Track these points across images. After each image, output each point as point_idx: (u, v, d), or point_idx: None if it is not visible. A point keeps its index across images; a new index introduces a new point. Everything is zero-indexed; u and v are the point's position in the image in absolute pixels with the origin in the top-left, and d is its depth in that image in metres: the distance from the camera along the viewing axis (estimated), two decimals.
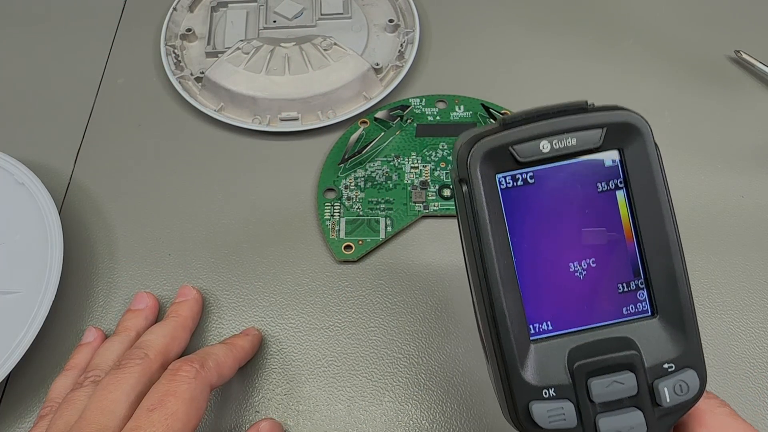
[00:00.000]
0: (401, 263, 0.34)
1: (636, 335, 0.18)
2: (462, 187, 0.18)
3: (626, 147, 0.18)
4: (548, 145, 0.17)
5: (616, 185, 0.18)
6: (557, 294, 0.18)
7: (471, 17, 0.45)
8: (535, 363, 0.18)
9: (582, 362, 0.17)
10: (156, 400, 0.25)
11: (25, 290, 0.32)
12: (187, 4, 0.45)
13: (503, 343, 0.18)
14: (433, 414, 0.30)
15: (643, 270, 0.18)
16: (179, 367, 0.26)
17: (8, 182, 0.35)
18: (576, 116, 0.18)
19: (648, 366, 0.18)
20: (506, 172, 0.18)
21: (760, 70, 0.41)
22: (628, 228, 0.18)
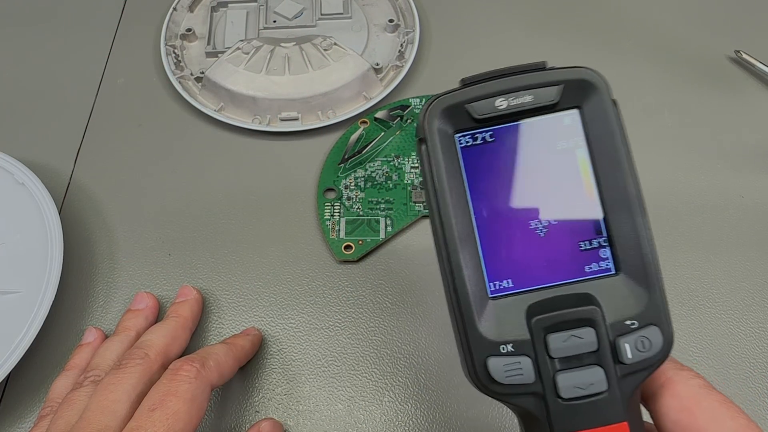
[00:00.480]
0: (401, 263, 0.34)
1: (598, 292, 0.18)
2: (421, 146, 0.18)
3: (584, 105, 0.18)
4: (504, 102, 0.18)
5: (576, 143, 0.18)
6: (518, 252, 0.18)
7: (471, 17, 0.45)
8: (492, 318, 0.18)
9: (540, 317, 0.17)
10: (157, 400, 0.25)
11: (25, 290, 0.32)
12: (187, 4, 0.45)
13: (460, 298, 0.18)
14: (433, 414, 0.30)
15: (606, 228, 0.18)
16: (180, 367, 0.26)
17: (8, 182, 0.35)
18: (532, 74, 0.18)
19: (610, 322, 0.17)
20: (465, 131, 0.18)
21: (760, 70, 0.41)
22: (589, 186, 0.18)
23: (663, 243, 0.34)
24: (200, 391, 0.26)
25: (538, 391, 0.17)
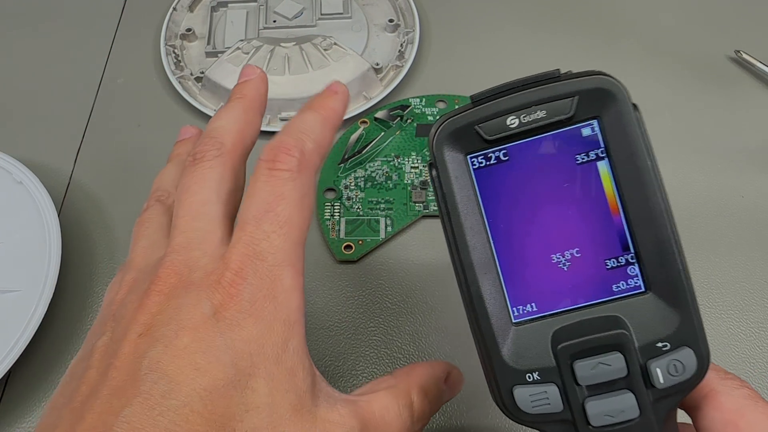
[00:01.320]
0: (401, 263, 0.34)
1: (626, 313, 0.17)
2: (432, 171, 0.17)
3: (603, 114, 0.17)
4: (516, 120, 0.17)
5: (597, 155, 0.17)
6: (541, 274, 0.17)
7: (471, 17, 0.45)
8: (517, 346, 0.17)
9: (565, 344, 0.16)
10: (262, 206, 0.20)
11: (24, 289, 0.32)
12: (187, 4, 0.45)
13: (483, 327, 0.17)
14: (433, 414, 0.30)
15: (632, 243, 0.17)
16: (275, 158, 0.21)
17: (7, 181, 0.35)
18: (543, 87, 0.17)
19: (639, 345, 0.17)
20: (477, 152, 0.17)
21: (760, 70, 0.41)
22: (613, 200, 0.17)
23: None
24: (308, 185, 0.21)
25: (567, 419, 0.17)
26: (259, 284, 0.19)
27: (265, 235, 0.20)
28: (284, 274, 0.20)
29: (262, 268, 0.19)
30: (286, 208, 0.20)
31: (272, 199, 0.20)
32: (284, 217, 0.20)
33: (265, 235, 0.20)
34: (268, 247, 0.20)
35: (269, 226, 0.20)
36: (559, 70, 0.17)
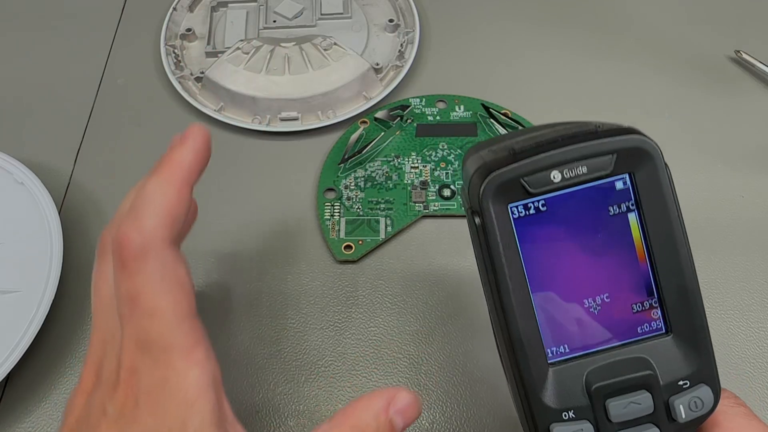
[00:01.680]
0: (401, 263, 0.34)
1: (651, 354, 0.18)
2: (475, 218, 0.18)
3: (637, 170, 0.18)
4: (559, 175, 0.18)
5: (627, 207, 0.18)
6: (574, 317, 0.18)
7: (471, 17, 0.45)
8: (554, 387, 0.18)
9: (600, 384, 0.18)
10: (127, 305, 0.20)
11: (25, 290, 0.32)
12: (187, 4, 0.45)
13: (522, 369, 0.18)
14: (433, 414, 0.30)
15: (656, 289, 0.19)
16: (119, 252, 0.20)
17: (8, 182, 0.35)
18: (586, 144, 0.18)
19: (663, 384, 0.18)
20: (518, 201, 0.18)
21: (760, 70, 0.41)
22: (641, 249, 0.18)
23: None
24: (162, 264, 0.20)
25: None
26: (150, 374, 0.19)
27: (141, 328, 0.20)
28: (172, 357, 0.20)
29: (149, 359, 0.20)
30: (148, 299, 0.20)
31: (132, 294, 0.20)
32: (150, 307, 0.20)
33: (141, 328, 0.20)
34: (146, 338, 0.20)
35: (141, 320, 0.20)
36: (596, 125, 0.18)
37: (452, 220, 0.36)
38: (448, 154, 0.38)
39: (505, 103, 0.40)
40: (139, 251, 0.20)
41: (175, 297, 0.20)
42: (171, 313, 0.20)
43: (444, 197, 0.36)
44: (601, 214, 0.18)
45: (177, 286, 0.21)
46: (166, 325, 0.20)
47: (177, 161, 0.23)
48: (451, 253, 0.35)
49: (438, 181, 0.37)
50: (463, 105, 0.40)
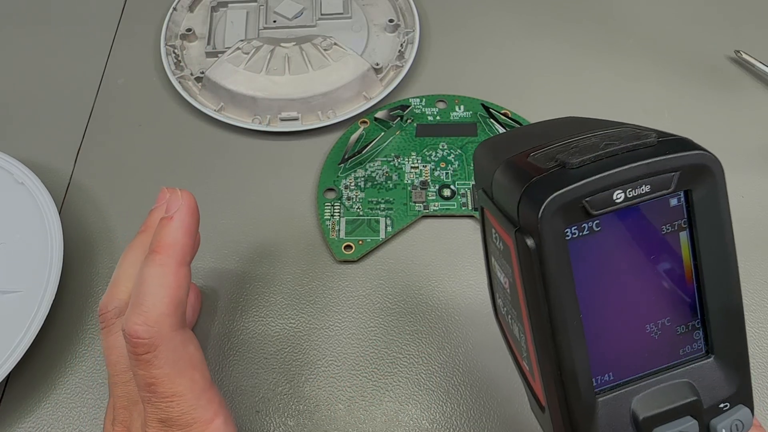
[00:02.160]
0: (401, 263, 0.34)
1: (693, 377, 0.18)
2: (527, 240, 0.16)
3: (695, 188, 0.17)
4: (622, 195, 0.16)
5: (679, 226, 0.17)
6: (621, 344, 0.17)
7: (471, 17, 0.45)
8: (601, 419, 0.17)
9: (648, 415, 0.17)
10: (145, 390, 0.23)
11: (25, 290, 0.32)
12: (187, 4, 0.45)
13: (572, 402, 0.17)
14: (433, 414, 0.30)
15: (701, 310, 0.18)
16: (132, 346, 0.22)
17: (8, 182, 0.35)
18: (651, 161, 0.16)
19: (706, 407, 0.17)
20: (575, 223, 0.16)
21: (760, 70, 0.41)
22: (689, 269, 0.17)
23: None
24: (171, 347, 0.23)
25: None
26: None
27: (162, 410, 0.22)
28: (193, 430, 0.22)
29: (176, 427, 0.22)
30: (165, 386, 0.22)
31: (149, 382, 0.22)
32: (168, 393, 0.22)
33: (162, 410, 0.22)
34: (168, 417, 0.22)
35: (161, 404, 0.22)
36: (654, 134, 0.17)
37: (452, 220, 0.36)
38: (448, 154, 0.38)
39: (505, 103, 0.40)
40: (149, 343, 0.22)
41: (191, 377, 0.23)
42: (189, 394, 0.22)
43: (444, 197, 0.36)
44: (654, 232, 0.17)
45: (189, 366, 0.23)
46: (185, 405, 0.22)
47: (169, 244, 0.24)
48: (451, 253, 0.35)
49: (438, 181, 0.37)
50: (463, 105, 0.40)
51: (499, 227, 0.18)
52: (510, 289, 0.18)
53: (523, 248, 0.16)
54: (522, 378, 0.20)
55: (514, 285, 0.18)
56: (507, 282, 0.18)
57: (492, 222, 0.19)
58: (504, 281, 0.19)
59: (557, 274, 0.16)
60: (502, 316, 0.20)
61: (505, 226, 0.17)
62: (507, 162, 0.18)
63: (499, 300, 0.20)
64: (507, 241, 0.17)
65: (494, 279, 0.20)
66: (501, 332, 0.21)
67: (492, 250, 0.19)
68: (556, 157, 0.17)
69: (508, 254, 0.18)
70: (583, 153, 0.16)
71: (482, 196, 0.19)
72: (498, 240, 0.18)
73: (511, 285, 0.18)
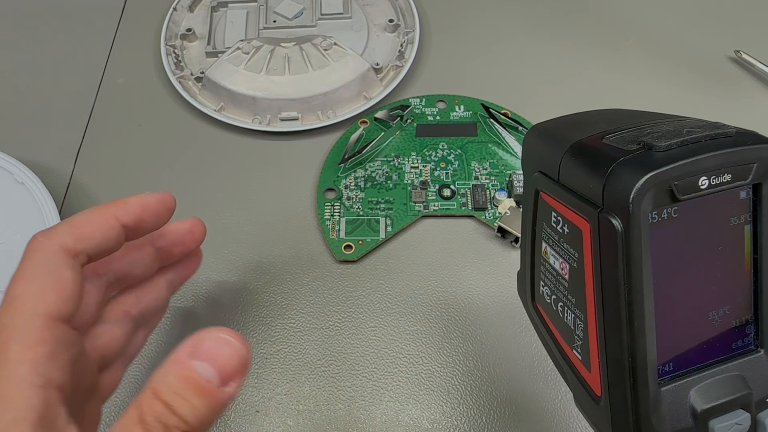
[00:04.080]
0: (401, 263, 0.34)
1: (745, 371, 0.18)
2: (612, 221, 0.16)
3: (765, 181, 0.17)
4: (706, 182, 0.16)
5: (746, 219, 0.17)
6: (684, 334, 0.17)
7: (471, 17, 0.45)
8: (664, 409, 0.17)
9: (706, 407, 0.17)
10: None
11: None
12: (187, 4, 0.45)
13: (639, 391, 0.17)
14: (433, 414, 0.30)
15: (754, 305, 0.18)
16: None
17: (8, 182, 0.35)
18: (734, 150, 0.16)
19: (756, 401, 0.18)
20: (661, 207, 0.16)
21: (760, 70, 0.41)
22: (748, 263, 0.18)
23: None
24: None
25: None
26: None
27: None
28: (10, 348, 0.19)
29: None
30: (12, 286, 0.20)
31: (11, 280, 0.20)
32: (10, 293, 0.20)
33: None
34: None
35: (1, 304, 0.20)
36: (730, 128, 0.17)
37: (452, 220, 0.36)
38: (448, 154, 0.38)
39: (505, 103, 0.40)
40: (34, 245, 0.21)
41: (42, 291, 0.20)
42: (28, 305, 0.19)
43: (444, 197, 0.36)
44: (723, 223, 0.17)
45: (51, 283, 0.20)
46: (17, 316, 0.19)
47: (122, 200, 0.23)
48: (451, 253, 0.35)
49: (438, 181, 0.37)
50: (463, 105, 0.40)
51: (567, 210, 0.18)
52: (570, 275, 0.18)
53: (607, 229, 0.16)
54: (567, 369, 0.19)
55: (579, 270, 0.17)
56: (566, 267, 0.18)
57: (554, 205, 0.18)
58: (561, 267, 0.19)
59: (641, 258, 0.16)
60: (546, 305, 0.20)
61: (580, 208, 0.17)
62: (578, 144, 0.18)
63: (545, 288, 0.20)
64: (578, 223, 0.17)
65: (540, 267, 0.20)
66: (538, 322, 0.21)
67: (546, 236, 0.19)
68: (638, 140, 0.16)
69: (576, 237, 0.17)
70: (668, 138, 0.16)
71: (541, 179, 0.19)
72: (560, 223, 0.18)
73: (574, 270, 0.18)
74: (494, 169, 0.37)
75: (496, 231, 0.35)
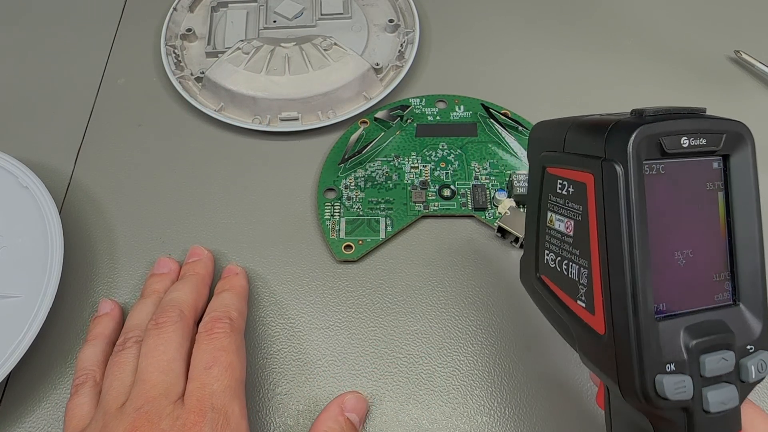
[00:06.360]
0: (401, 263, 0.34)
1: (727, 319, 0.20)
2: (615, 166, 0.19)
3: (732, 154, 0.21)
4: (687, 142, 0.20)
5: (718, 186, 0.21)
6: (673, 280, 0.20)
7: (471, 17, 0.45)
8: (661, 341, 0.19)
9: (698, 341, 0.19)
10: (209, 359, 0.26)
11: (24, 295, 0.31)
12: (187, 4, 0.45)
13: (639, 322, 0.19)
14: (433, 414, 0.30)
15: (730, 264, 0.21)
16: (213, 326, 0.28)
17: (12, 185, 0.35)
18: (709, 118, 0.20)
19: (737, 346, 0.20)
20: (651, 159, 0.20)
21: (760, 70, 0.41)
22: (723, 226, 0.21)
23: None
24: (240, 340, 0.28)
25: (688, 407, 0.19)
26: (216, 417, 0.25)
27: (214, 378, 0.26)
28: (234, 405, 0.26)
29: (217, 404, 0.25)
30: (228, 357, 0.27)
31: (216, 352, 0.27)
32: (227, 362, 0.26)
33: (214, 378, 0.26)
34: (218, 387, 0.26)
35: (217, 371, 0.26)
36: (705, 108, 0.20)
37: (452, 220, 0.36)
38: (448, 154, 0.38)
39: (505, 103, 0.40)
40: (227, 327, 0.29)
41: (243, 364, 0.28)
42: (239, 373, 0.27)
43: (444, 197, 0.36)
44: (700, 187, 0.20)
45: (244, 358, 0.29)
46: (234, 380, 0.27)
47: (241, 285, 0.33)
48: (451, 253, 0.35)
49: (438, 181, 0.37)
50: (463, 105, 0.40)
51: (571, 172, 0.21)
52: (574, 230, 0.21)
53: (609, 174, 0.19)
54: (572, 324, 0.22)
55: (584, 222, 0.21)
56: (570, 225, 0.21)
57: (560, 173, 0.22)
58: (566, 227, 0.22)
59: (639, 197, 0.19)
60: (551, 270, 0.23)
61: (584, 164, 0.20)
62: (581, 119, 0.21)
63: (549, 256, 0.23)
64: (582, 178, 0.20)
65: (545, 237, 0.23)
66: (542, 294, 0.23)
67: (551, 205, 0.22)
68: (631, 111, 0.20)
69: (580, 193, 0.21)
70: (656, 110, 0.20)
71: (548, 155, 0.22)
72: (565, 186, 0.22)
73: (578, 224, 0.21)
74: (494, 169, 0.37)
75: (496, 231, 0.35)
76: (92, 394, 0.28)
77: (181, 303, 0.29)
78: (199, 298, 0.31)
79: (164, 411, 0.25)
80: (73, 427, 0.27)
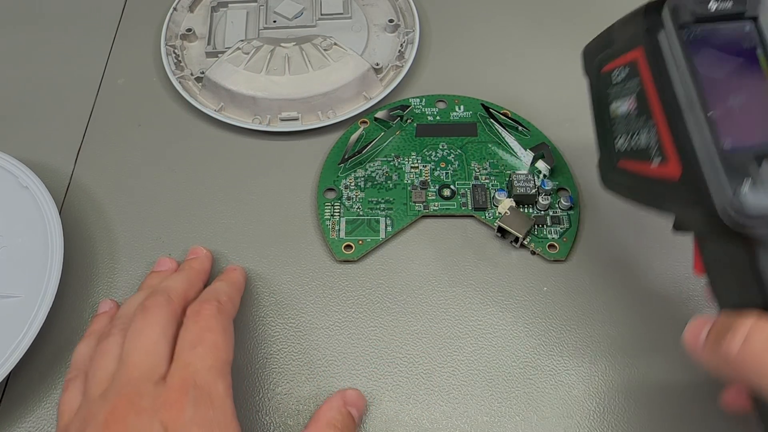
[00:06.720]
0: (401, 263, 0.34)
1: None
2: (659, 32, 0.22)
3: (760, 15, 0.23)
4: (714, 5, 0.23)
5: (755, 44, 0.23)
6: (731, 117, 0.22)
7: (471, 17, 0.45)
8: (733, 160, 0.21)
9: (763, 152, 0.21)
10: (195, 338, 0.26)
11: (24, 295, 0.31)
12: (187, 4, 0.45)
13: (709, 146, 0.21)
14: (433, 414, 0.30)
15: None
16: (200, 308, 0.28)
17: (12, 185, 0.35)
18: None
19: None
20: (686, 23, 0.23)
21: None
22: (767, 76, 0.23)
23: (663, 242, 0.34)
24: (228, 323, 0.28)
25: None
26: (199, 395, 0.24)
27: (199, 357, 0.25)
28: (219, 384, 0.25)
29: (201, 382, 0.25)
30: (213, 336, 0.27)
31: (201, 332, 0.27)
32: (212, 342, 0.26)
33: (199, 357, 0.25)
34: (202, 366, 0.25)
35: (202, 350, 0.26)
36: None
37: (452, 220, 0.36)
38: (448, 154, 0.38)
39: (505, 103, 0.40)
40: (215, 309, 0.28)
41: (229, 344, 0.28)
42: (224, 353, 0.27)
43: (444, 197, 0.36)
44: (738, 46, 0.23)
45: (231, 339, 0.28)
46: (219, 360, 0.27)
47: (236, 277, 0.33)
48: (451, 253, 0.35)
49: (438, 181, 0.37)
50: (463, 105, 0.40)
51: (622, 57, 0.25)
52: (637, 102, 0.24)
53: (654, 39, 0.23)
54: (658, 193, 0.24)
55: (642, 91, 0.24)
56: (631, 100, 0.25)
57: (613, 66, 0.26)
58: (628, 106, 0.25)
59: (685, 50, 0.22)
60: (625, 151, 0.25)
61: (632, 42, 0.24)
62: (619, 19, 0.25)
63: (620, 139, 0.26)
64: (633, 57, 0.24)
65: (613, 127, 0.26)
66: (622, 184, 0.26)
67: (611, 96, 0.26)
68: None
69: (634, 69, 0.24)
70: None
71: (601, 57, 0.27)
72: (620, 72, 0.25)
73: (639, 96, 0.24)
74: (494, 169, 0.37)
75: (496, 231, 0.35)
76: (83, 388, 0.27)
77: (170, 289, 0.29)
78: (190, 288, 0.30)
79: (145, 390, 0.24)
80: (64, 421, 0.26)
